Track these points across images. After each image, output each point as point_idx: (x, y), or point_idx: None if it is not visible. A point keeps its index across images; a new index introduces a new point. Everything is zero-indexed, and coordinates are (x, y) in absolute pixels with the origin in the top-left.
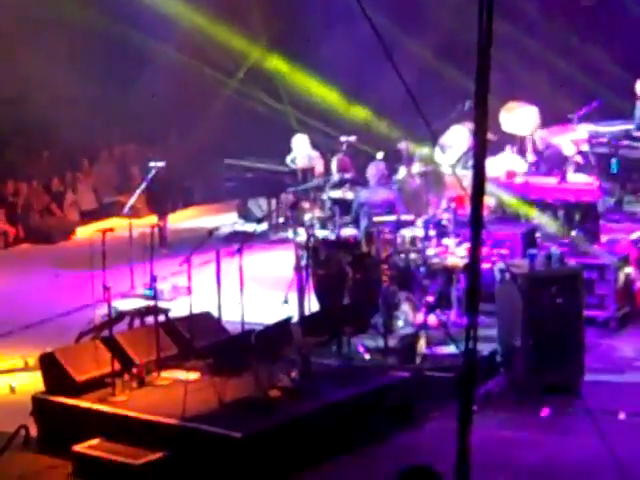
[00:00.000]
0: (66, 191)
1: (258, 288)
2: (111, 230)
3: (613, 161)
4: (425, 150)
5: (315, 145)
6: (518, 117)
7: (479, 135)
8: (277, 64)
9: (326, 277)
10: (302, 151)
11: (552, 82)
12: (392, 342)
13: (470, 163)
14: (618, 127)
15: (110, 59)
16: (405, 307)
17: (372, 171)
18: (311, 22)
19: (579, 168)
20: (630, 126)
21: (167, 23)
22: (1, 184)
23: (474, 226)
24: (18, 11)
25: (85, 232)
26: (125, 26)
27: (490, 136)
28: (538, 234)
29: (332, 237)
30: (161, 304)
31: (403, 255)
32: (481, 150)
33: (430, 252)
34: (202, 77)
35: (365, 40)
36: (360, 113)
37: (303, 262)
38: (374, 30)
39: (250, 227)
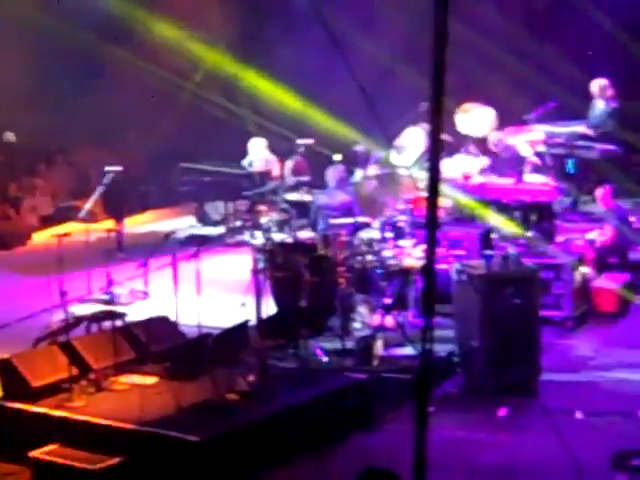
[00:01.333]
0: (24, 196)
1: (215, 292)
2: (67, 235)
3: (569, 161)
4: (382, 152)
5: (272, 148)
6: (474, 118)
7: (434, 136)
8: (234, 67)
9: (283, 280)
10: (259, 154)
11: (508, 83)
12: (349, 344)
13: (426, 164)
14: (573, 128)
15: (65, 62)
16: (362, 309)
17: (331, 174)
18: (269, 25)
19: (535, 169)
20: (582, 127)
21: (124, 26)
22: None
23: (429, 227)
24: None
25: (41, 237)
26: (81, 28)
27: (446, 137)
28: (494, 235)
29: (289, 240)
30: (118, 309)
31: (360, 257)
32: (436, 151)
33: (387, 254)
34: (159, 80)
35: (323, 43)
36: (317, 116)
37: (260, 265)
38: (329, 33)
39: (207, 230)
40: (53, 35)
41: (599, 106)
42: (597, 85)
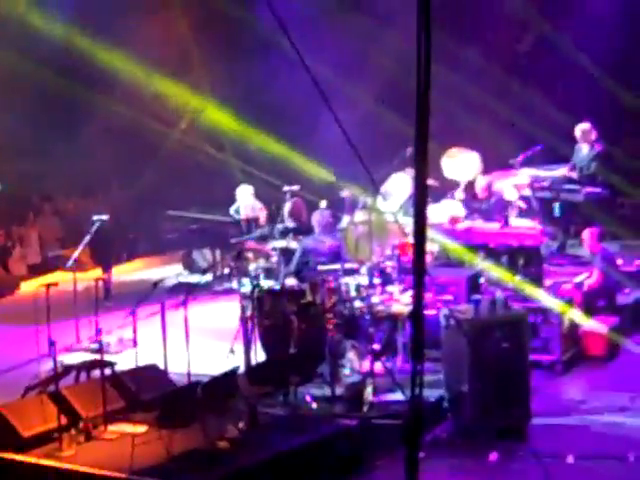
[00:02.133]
0: (14, 245)
1: (204, 339)
2: (55, 284)
3: (556, 205)
4: (368, 198)
5: (258, 195)
6: (460, 163)
7: (419, 181)
8: (219, 115)
9: (271, 327)
10: (246, 201)
11: (493, 127)
12: (339, 390)
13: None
14: (559, 171)
15: (48, 110)
16: (351, 355)
17: (317, 219)
18: (254, 71)
19: (521, 213)
20: (567, 170)
21: (107, 75)
22: None
23: (417, 273)
24: None
25: (29, 286)
26: (65, 77)
27: (431, 182)
28: (482, 279)
29: (277, 287)
30: (107, 357)
31: (348, 303)
32: (422, 196)
33: (375, 300)
34: (143, 128)
35: (307, 88)
36: (302, 162)
37: (248, 312)
38: (312, 79)
39: (195, 278)
40: (38, 84)
41: (583, 150)
42: (580, 129)
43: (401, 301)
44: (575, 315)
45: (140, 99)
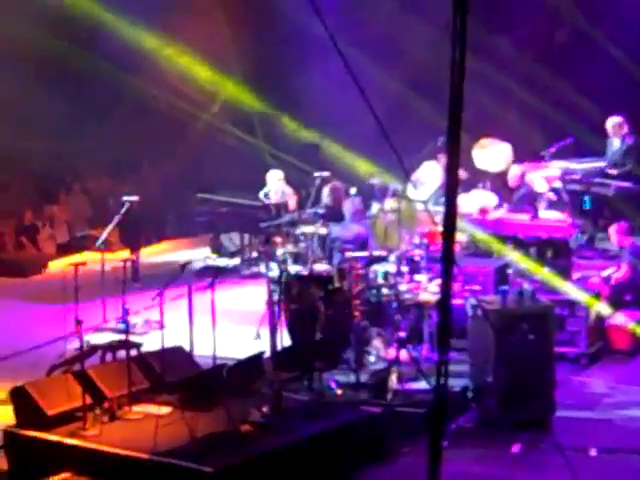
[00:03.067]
0: (44, 224)
1: (230, 323)
2: (83, 264)
3: (586, 198)
4: (398, 186)
5: (288, 181)
6: (491, 154)
7: (451, 171)
8: (251, 99)
9: (298, 312)
10: (276, 186)
11: (525, 118)
12: (364, 377)
13: (443, 199)
14: (591, 164)
15: (80, 90)
16: (377, 342)
17: (348, 206)
18: (286, 57)
19: (551, 205)
20: (602, 163)
21: (140, 56)
22: None
23: (445, 262)
24: None
25: (58, 265)
26: (97, 58)
27: (462, 173)
28: (510, 270)
29: (304, 272)
30: (133, 338)
31: (375, 291)
32: (453, 186)
33: (402, 288)
34: (175, 111)
35: (339, 75)
36: (333, 148)
37: (275, 297)
38: (346, 65)
39: (223, 262)
40: (70, 64)
41: (615, 144)
42: (611, 123)
43: (428, 290)
44: (602, 309)
45: (173, 81)
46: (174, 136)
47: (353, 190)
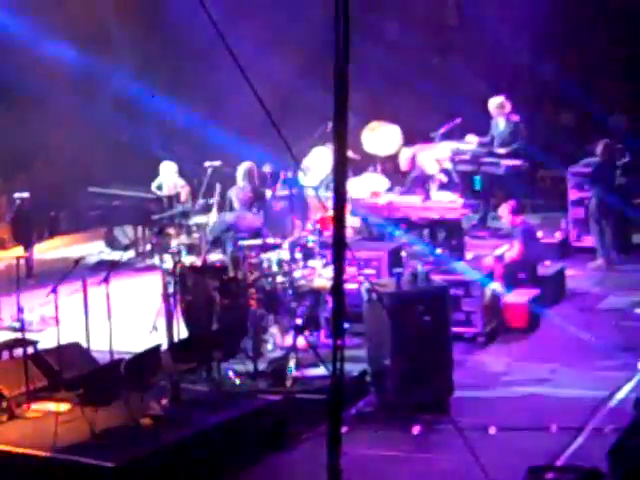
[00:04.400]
0: None
1: (126, 317)
2: None
3: (476, 178)
4: (289, 172)
5: (181, 172)
6: (380, 137)
7: (339, 155)
8: (142, 91)
9: (194, 303)
10: (168, 178)
11: (414, 101)
12: (262, 366)
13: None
14: (470, 139)
15: None
16: (274, 330)
17: (237, 194)
18: (176, 47)
19: (442, 186)
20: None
21: (28, 50)
22: None
23: (337, 247)
24: None
25: None
26: None
27: (352, 156)
28: (403, 253)
29: (198, 263)
30: (29, 336)
31: (270, 278)
32: (341, 170)
33: (297, 274)
34: (65, 105)
35: (229, 64)
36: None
37: (170, 289)
38: (232, 56)
39: (116, 255)
40: None
41: (500, 123)
42: (494, 103)
43: (323, 276)
44: (496, 287)
45: (62, 75)
46: (65, 131)
47: (267, 168)
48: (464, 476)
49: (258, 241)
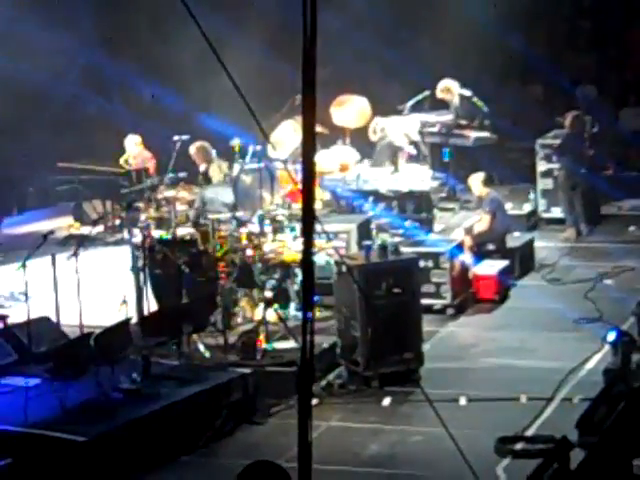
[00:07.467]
0: None
1: (96, 291)
2: None
3: (445, 150)
4: (258, 146)
5: (148, 145)
6: (349, 110)
7: (307, 128)
8: (110, 64)
9: (163, 277)
10: (134, 151)
11: (382, 73)
12: (232, 339)
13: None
14: (446, 117)
15: None
16: (243, 303)
17: (214, 169)
18: (142, 23)
19: (411, 158)
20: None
21: None
22: None
23: (306, 220)
24: None
25: None
26: None
27: (320, 129)
28: (373, 225)
29: (168, 237)
30: None
31: (239, 252)
32: (310, 143)
33: (266, 248)
34: (33, 81)
35: (197, 40)
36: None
37: (140, 263)
38: (199, 28)
39: (85, 230)
40: None
41: (455, 100)
42: (439, 91)
43: (293, 249)
44: (466, 259)
45: (29, 50)
46: (33, 105)
47: (213, 152)
48: (435, 447)
49: (227, 214)
